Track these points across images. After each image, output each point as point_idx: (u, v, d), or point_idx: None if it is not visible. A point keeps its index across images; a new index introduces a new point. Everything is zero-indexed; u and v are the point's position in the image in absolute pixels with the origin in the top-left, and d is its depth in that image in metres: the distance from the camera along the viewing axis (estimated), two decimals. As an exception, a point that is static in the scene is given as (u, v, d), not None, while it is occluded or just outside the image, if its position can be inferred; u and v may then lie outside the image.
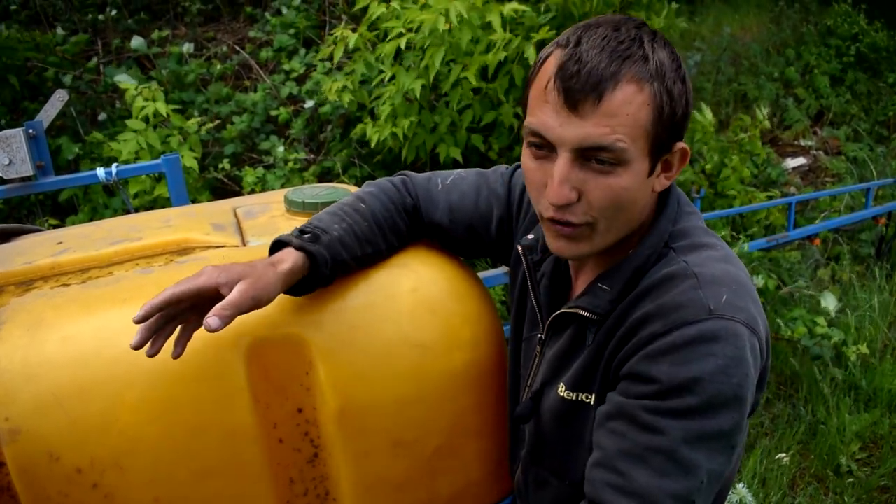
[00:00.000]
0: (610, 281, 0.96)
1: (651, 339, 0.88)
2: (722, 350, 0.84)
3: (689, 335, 0.85)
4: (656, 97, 0.86)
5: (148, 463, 0.97)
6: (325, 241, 1.04)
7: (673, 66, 0.88)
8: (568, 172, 0.87)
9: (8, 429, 0.93)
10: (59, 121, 4.25)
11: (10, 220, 3.97)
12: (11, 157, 2.24)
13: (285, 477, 1.06)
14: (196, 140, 4.07)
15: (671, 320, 0.87)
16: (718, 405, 0.84)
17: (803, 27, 8.09)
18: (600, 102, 0.84)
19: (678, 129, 0.91)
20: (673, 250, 0.96)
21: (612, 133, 0.85)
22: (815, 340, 3.37)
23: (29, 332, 0.98)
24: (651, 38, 0.88)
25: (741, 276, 0.93)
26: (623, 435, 0.88)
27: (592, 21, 0.90)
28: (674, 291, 0.89)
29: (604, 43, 0.85)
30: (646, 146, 0.88)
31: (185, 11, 5.33)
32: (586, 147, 0.86)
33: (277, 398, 1.03)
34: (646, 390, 0.87)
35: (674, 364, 0.85)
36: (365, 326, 1.07)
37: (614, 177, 0.87)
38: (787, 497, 2.85)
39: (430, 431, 1.11)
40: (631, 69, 0.85)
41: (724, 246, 0.98)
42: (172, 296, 0.89)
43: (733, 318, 0.86)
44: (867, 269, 4.79)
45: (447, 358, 1.11)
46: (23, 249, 1.20)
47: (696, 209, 1.03)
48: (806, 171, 6.54)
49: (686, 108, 0.90)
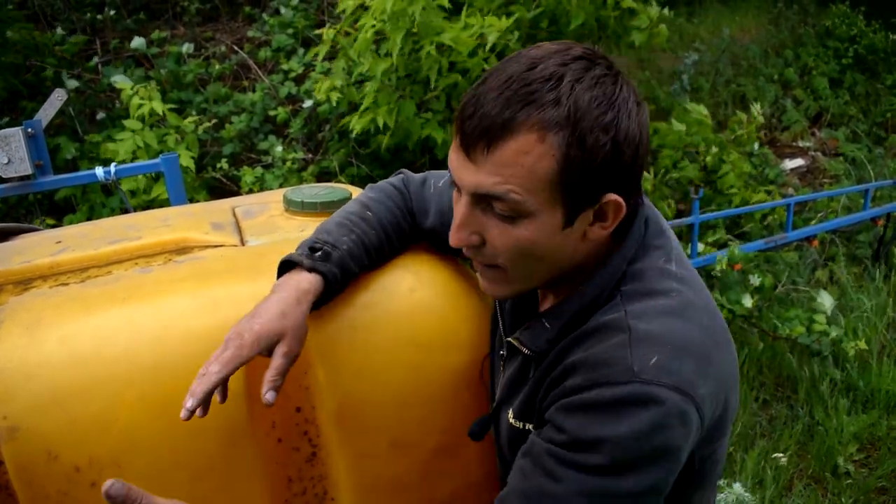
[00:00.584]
0: (552, 318, 0.91)
1: (572, 391, 0.83)
2: (638, 415, 0.79)
3: (606, 396, 0.80)
4: (562, 148, 0.77)
5: (147, 462, 0.97)
6: (336, 258, 1.02)
7: (595, 112, 0.78)
8: (468, 216, 0.84)
9: (6, 427, 0.93)
10: (58, 120, 4.24)
11: (8, 219, 3.97)
12: (10, 157, 2.24)
13: (283, 476, 1.06)
14: (193, 139, 4.07)
15: (593, 377, 0.82)
16: (625, 468, 0.80)
17: (801, 28, 8.11)
18: (490, 151, 0.78)
19: (604, 180, 0.81)
20: (621, 294, 0.88)
21: (505, 184, 0.79)
22: (813, 337, 3.38)
23: (28, 330, 0.98)
24: (576, 78, 0.78)
25: (687, 332, 0.84)
26: (525, 475, 0.86)
27: (518, 54, 0.82)
28: (603, 345, 0.84)
29: (507, 84, 0.78)
30: (552, 198, 0.80)
31: (183, 11, 5.33)
32: (480, 194, 0.81)
33: (276, 397, 1.03)
34: (556, 438, 0.84)
35: (586, 421, 0.81)
36: (363, 326, 1.07)
37: (516, 227, 0.82)
38: (785, 498, 2.86)
39: (428, 431, 1.11)
40: (532, 116, 0.77)
41: (684, 291, 0.88)
42: (221, 381, 0.89)
43: (658, 382, 0.79)
44: (865, 270, 4.80)
45: (445, 358, 1.11)
46: (21, 248, 1.20)
47: (668, 241, 0.94)
48: (804, 172, 6.55)
49: (616, 158, 0.80)
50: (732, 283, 3.72)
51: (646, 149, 0.85)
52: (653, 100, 5.96)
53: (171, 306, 1.02)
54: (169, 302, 1.03)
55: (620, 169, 0.82)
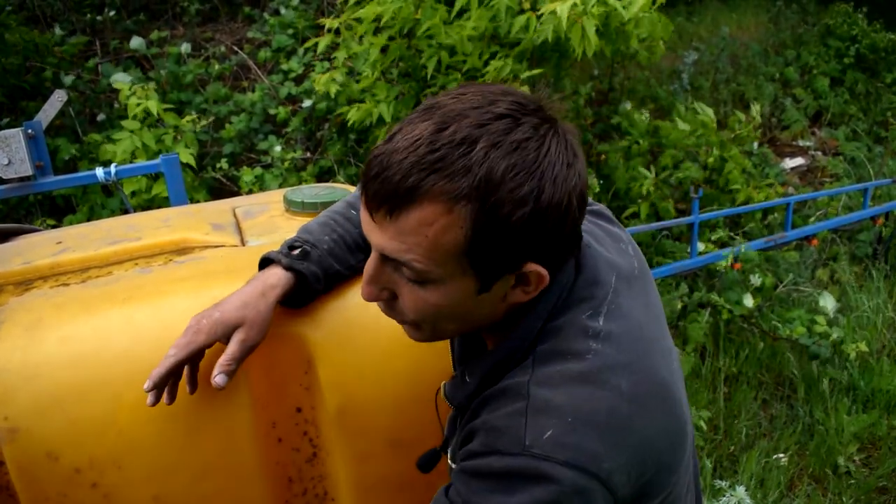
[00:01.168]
0: (472, 372, 0.88)
1: (469, 455, 0.80)
2: (530, 490, 0.74)
3: (496, 467, 0.76)
4: (470, 220, 0.71)
5: (147, 462, 0.97)
6: (315, 257, 1.02)
7: (510, 184, 0.70)
8: (377, 273, 0.80)
9: (7, 428, 0.93)
10: (58, 121, 4.25)
11: (8, 220, 3.97)
12: (10, 158, 2.25)
13: (284, 476, 1.06)
14: (192, 138, 4.07)
15: (487, 443, 0.78)
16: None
17: (801, 27, 8.11)
18: (392, 218, 0.72)
19: (521, 251, 0.75)
20: (534, 354, 0.82)
21: (408, 252, 0.74)
22: (814, 339, 3.38)
23: (28, 331, 0.98)
24: (493, 143, 0.70)
25: (594, 401, 0.77)
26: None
27: (434, 104, 0.75)
28: (502, 411, 0.79)
29: (415, 147, 0.70)
30: (462, 268, 0.75)
31: (183, 12, 5.33)
32: (385, 256, 0.77)
33: (276, 397, 1.03)
34: (454, 499, 0.81)
35: (478, 488, 0.77)
36: (364, 325, 1.07)
37: (424, 291, 0.78)
38: (786, 498, 2.86)
39: (429, 431, 1.11)
40: (437, 185, 0.70)
41: (603, 351, 0.81)
42: (175, 364, 0.92)
43: (549, 458, 0.74)
44: (865, 269, 4.80)
45: (447, 358, 1.11)
46: (22, 249, 1.20)
47: (598, 292, 0.85)
48: (804, 171, 6.55)
49: (537, 229, 0.73)
50: (733, 282, 3.72)
51: (577, 211, 0.78)
52: (653, 99, 5.96)
53: (171, 307, 1.02)
54: (169, 302, 1.03)
55: (542, 238, 0.75)
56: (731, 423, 3.24)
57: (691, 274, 4.13)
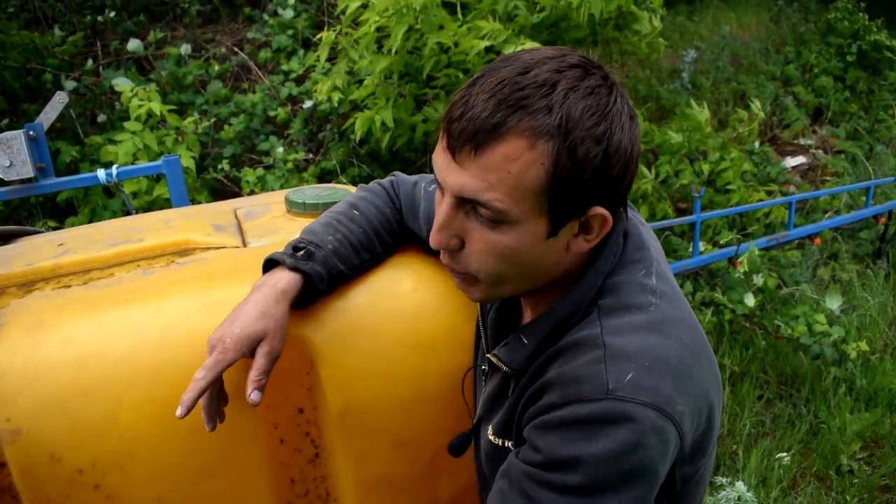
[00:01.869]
0: (530, 334, 0.89)
1: (545, 409, 0.81)
2: (613, 434, 0.76)
3: (580, 414, 0.78)
4: (551, 156, 0.75)
5: (149, 463, 0.97)
6: (320, 257, 1.02)
7: (587, 122, 0.76)
8: (450, 219, 0.81)
9: (9, 430, 0.93)
10: (59, 123, 4.25)
11: (10, 221, 3.97)
12: (12, 159, 2.25)
13: (286, 477, 1.06)
14: (193, 139, 4.08)
15: (567, 393, 0.79)
16: (602, 488, 0.77)
17: (802, 26, 8.10)
18: (477, 155, 0.75)
19: (592, 192, 0.79)
20: (598, 308, 0.86)
21: (490, 190, 0.76)
22: (814, 339, 3.38)
23: (30, 333, 0.98)
24: (570, 87, 0.76)
25: (664, 347, 0.82)
26: (504, 497, 0.84)
27: (511, 56, 0.80)
28: (578, 361, 0.81)
29: (497, 88, 0.75)
30: (538, 208, 0.78)
31: (183, 13, 5.34)
32: (463, 198, 0.79)
33: (278, 398, 1.03)
34: (531, 458, 0.81)
35: (561, 440, 0.79)
36: (366, 326, 1.07)
37: (497, 233, 0.80)
38: (789, 496, 2.85)
39: (431, 432, 1.11)
40: (522, 122, 0.74)
41: (662, 306, 0.86)
42: (206, 386, 0.89)
43: (633, 399, 0.77)
44: (867, 268, 4.80)
45: (448, 358, 1.11)
46: (23, 251, 1.20)
47: (647, 255, 0.91)
48: (805, 169, 6.55)
49: (605, 171, 0.78)
50: (735, 282, 3.71)
51: (636, 164, 0.83)
52: (654, 98, 5.96)
53: (173, 308, 1.02)
54: (171, 304, 1.03)
55: (609, 182, 0.79)
56: (734, 421, 3.24)
57: (693, 273, 4.13)
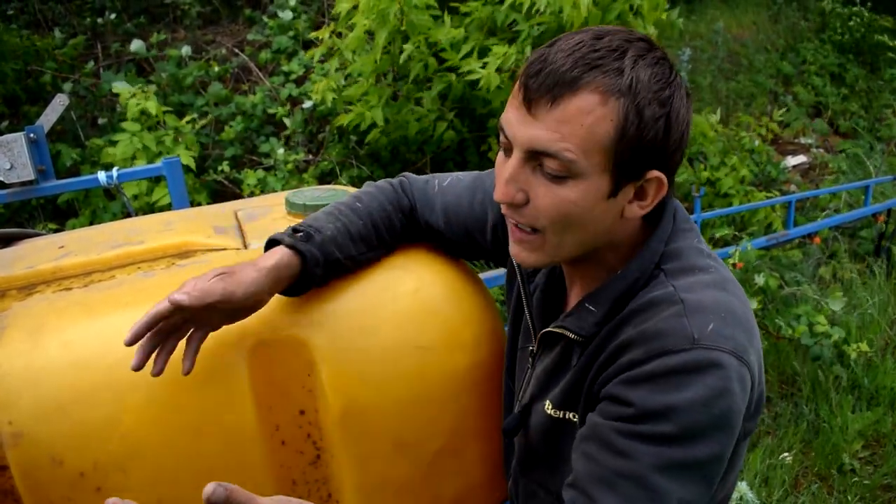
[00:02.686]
0: (596, 301, 0.93)
1: (631, 365, 0.85)
2: (703, 381, 0.81)
3: (670, 365, 0.82)
4: (621, 114, 0.80)
5: (151, 466, 0.97)
6: (318, 241, 1.04)
7: (654, 87, 0.82)
8: (517, 172, 0.85)
9: (10, 433, 0.93)
10: (59, 125, 4.25)
11: (11, 224, 3.97)
12: (13, 162, 2.25)
13: (288, 479, 1.06)
14: (192, 139, 4.07)
15: (652, 348, 0.83)
16: (695, 435, 0.81)
17: (801, 24, 8.10)
18: (554, 106, 0.80)
19: (652, 155, 0.84)
20: (663, 272, 0.91)
21: (562, 140, 0.81)
22: (815, 339, 3.37)
23: (31, 336, 0.98)
24: (638, 55, 0.82)
25: (733, 303, 0.88)
26: (595, 459, 0.85)
27: (581, 29, 0.86)
28: (657, 318, 0.85)
29: (576, 48, 0.81)
30: (603, 164, 0.82)
31: (183, 14, 5.34)
32: (535, 150, 0.83)
33: (280, 400, 1.03)
34: (621, 412, 0.84)
35: (652, 391, 0.82)
36: (366, 328, 1.07)
37: (563, 187, 0.83)
38: (791, 496, 2.85)
39: (432, 433, 1.11)
40: (597, 79, 0.80)
41: (719, 268, 0.93)
42: (157, 313, 0.90)
43: (717, 347, 0.82)
44: (867, 266, 4.79)
45: (449, 359, 1.11)
46: (24, 254, 1.20)
47: (694, 225, 0.98)
48: (806, 168, 6.55)
49: (666, 135, 0.84)
50: (736, 281, 3.70)
51: (688, 139, 0.88)
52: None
53: (174, 310, 1.02)
54: (172, 306, 1.03)
55: (668, 147, 0.85)
56: (735, 421, 3.23)
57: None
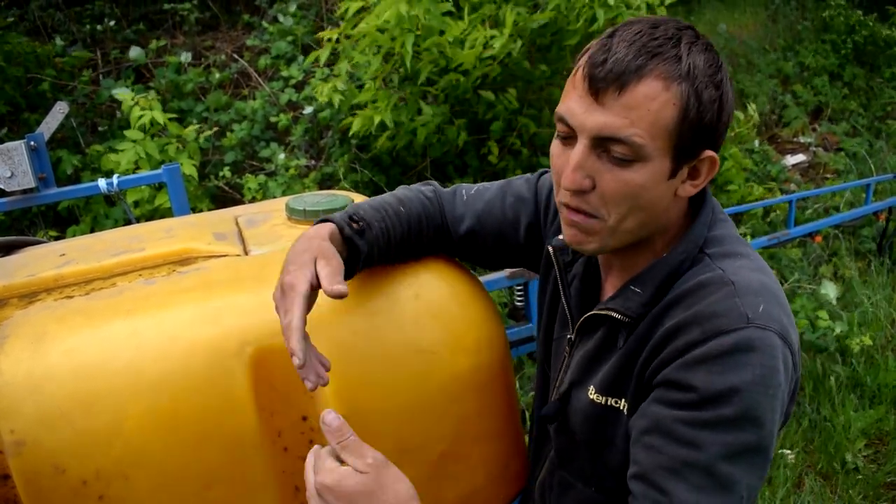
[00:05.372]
0: (642, 284, 0.95)
1: (687, 347, 0.86)
2: (759, 360, 0.84)
3: (727, 344, 0.84)
4: (683, 98, 0.85)
5: (154, 473, 0.97)
6: (368, 238, 1.05)
7: (708, 71, 0.87)
8: (584, 160, 0.88)
9: (13, 441, 0.93)
10: (59, 133, 4.26)
11: (11, 231, 3.98)
12: (13, 170, 2.25)
13: (290, 485, 1.06)
14: (195, 147, 4.08)
15: (708, 328, 0.86)
16: (754, 417, 0.84)
17: (800, 24, 8.10)
18: (622, 93, 0.84)
19: (707, 135, 0.89)
20: (708, 256, 0.94)
21: (631, 126, 0.84)
22: (818, 334, 3.37)
23: (33, 344, 0.98)
24: (691, 42, 0.87)
25: (775, 287, 0.92)
26: (660, 450, 0.87)
27: (634, 19, 0.90)
28: (710, 299, 0.88)
29: (636, 37, 0.85)
30: (667, 146, 0.87)
31: (183, 21, 5.34)
32: (603, 137, 0.86)
33: (282, 406, 1.03)
34: (682, 399, 0.86)
35: (711, 373, 0.84)
36: (368, 332, 1.07)
37: (629, 171, 0.87)
38: (794, 495, 2.85)
39: (435, 437, 1.11)
40: (659, 66, 0.84)
41: (757, 256, 0.97)
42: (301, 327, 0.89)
43: (768, 327, 0.85)
44: (868, 265, 4.79)
45: (451, 363, 1.11)
46: (25, 262, 1.20)
47: (729, 217, 1.02)
48: (806, 167, 6.54)
49: (719, 116, 0.89)
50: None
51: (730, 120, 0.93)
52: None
53: (175, 317, 1.03)
54: (173, 313, 1.03)
55: (719, 128, 0.90)
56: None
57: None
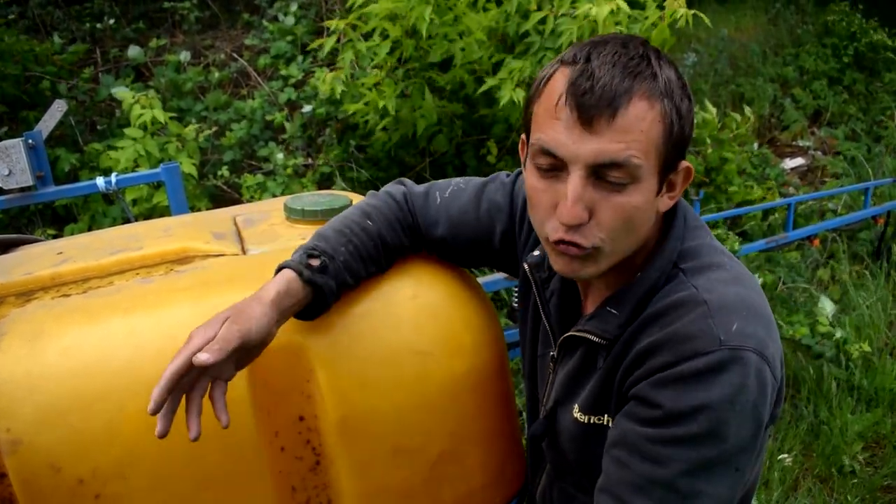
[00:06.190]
0: (618, 304, 0.95)
1: (660, 367, 0.87)
2: (728, 379, 0.84)
3: (698, 366, 0.85)
4: (667, 114, 0.86)
5: (150, 472, 0.97)
6: (333, 270, 1.02)
7: (679, 83, 0.88)
8: (582, 191, 0.86)
9: (9, 440, 0.93)
10: (58, 131, 4.25)
11: (9, 229, 3.97)
12: (11, 168, 2.25)
13: (287, 485, 1.06)
14: (194, 147, 4.07)
15: (681, 351, 0.86)
16: (720, 433, 0.84)
17: (800, 28, 8.11)
18: (615, 118, 0.83)
19: (684, 146, 0.90)
20: (682, 272, 0.94)
21: (627, 149, 0.84)
22: (817, 339, 3.37)
23: (30, 343, 0.98)
24: (657, 57, 0.87)
25: (751, 297, 0.91)
26: (626, 465, 0.88)
27: (598, 39, 0.88)
28: (684, 320, 0.88)
29: (615, 59, 0.84)
30: (656, 164, 0.87)
31: (182, 20, 5.34)
32: (601, 164, 0.84)
33: (279, 406, 1.03)
34: (649, 415, 0.87)
35: (679, 392, 0.85)
36: (365, 333, 1.07)
37: (626, 196, 0.86)
38: (791, 498, 2.85)
39: (432, 438, 1.11)
40: (642, 86, 0.84)
41: (733, 263, 0.96)
42: (173, 374, 0.85)
43: (741, 346, 0.85)
44: (866, 268, 4.80)
45: (448, 364, 1.11)
46: (22, 260, 1.20)
47: (702, 223, 1.01)
48: (804, 171, 6.55)
49: (692, 126, 0.91)
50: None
51: None
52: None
53: (172, 316, 1.02)
54: (170, 312, 1.03)
55: (690, 136, 0.91)
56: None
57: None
